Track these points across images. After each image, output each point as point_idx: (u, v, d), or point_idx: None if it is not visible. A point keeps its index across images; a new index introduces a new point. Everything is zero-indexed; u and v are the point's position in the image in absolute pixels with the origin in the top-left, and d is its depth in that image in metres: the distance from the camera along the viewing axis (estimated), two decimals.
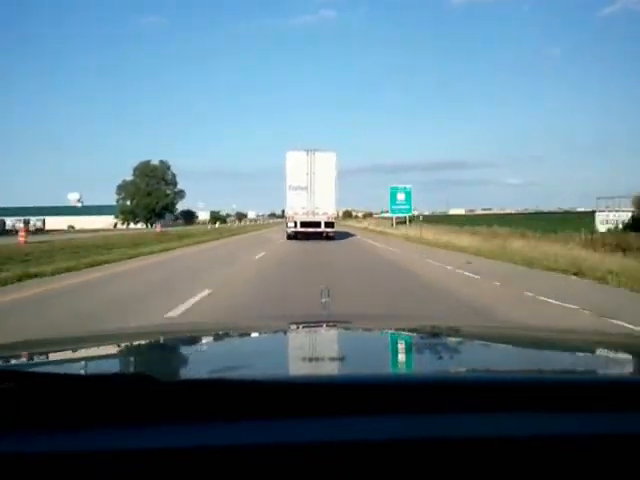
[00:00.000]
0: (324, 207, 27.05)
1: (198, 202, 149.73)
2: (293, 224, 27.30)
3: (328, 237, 26.78)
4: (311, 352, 1.52)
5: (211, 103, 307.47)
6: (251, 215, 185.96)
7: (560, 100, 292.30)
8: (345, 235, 33.39)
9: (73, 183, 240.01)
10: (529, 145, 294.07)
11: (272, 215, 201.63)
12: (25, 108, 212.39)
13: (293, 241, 26.26)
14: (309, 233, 26.67)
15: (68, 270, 12.74)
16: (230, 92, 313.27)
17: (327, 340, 1.77)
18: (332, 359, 1.39)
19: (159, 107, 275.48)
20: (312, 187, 27.19)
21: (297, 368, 1.28)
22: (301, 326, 2.04)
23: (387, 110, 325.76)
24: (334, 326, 1.98)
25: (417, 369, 1.30)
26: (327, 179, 27.24)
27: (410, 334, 1.88)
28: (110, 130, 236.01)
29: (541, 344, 1.69)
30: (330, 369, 1.30)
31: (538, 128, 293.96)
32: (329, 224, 27.18)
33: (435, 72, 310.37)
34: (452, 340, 1.70)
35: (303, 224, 26.98)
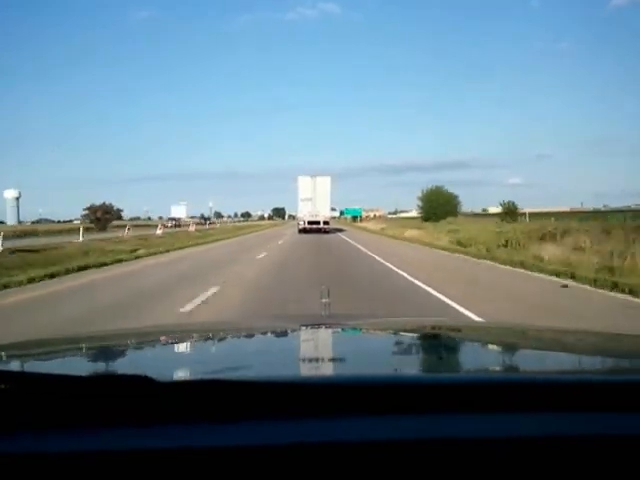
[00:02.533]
0: (322, 212, 42.37)
1: (180, 202, 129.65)
2: (302, 222, 42.65)
3: (325, 231, 40.89)
4: (311, 352, 1.56)
5: (207, 103, 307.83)
6: (178, 213, 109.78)
7: (564, 98, 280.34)
8: None
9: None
10: (533, 144, 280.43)
11: (247, 215, 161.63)
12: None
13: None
14: (313, 229, 40.89)
15: None
16: (228, 91, 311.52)
17: (327, 340, 1.79)
18: (332, 359, 1.41)
19: (146, 107, 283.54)
20: (314, 199, 42.43)
21: (297, 369, 1.28)
22: (301, 326, 2.05)
23: (390, 109, 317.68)
24: (334, 326, 1.99)
25: (417, 369, 1.30)
26: (324, 194, 42.95)
27: (410, 334, 1.91)
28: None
29: (541, 344, 1.72)
30: (330, 369, 1.32)
31: (543, 127, 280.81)
32: (326, 222, 42.42)
33: (439, 71, 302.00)
34: (452, 340, 1.76)
35: (309, 222, 41.93)
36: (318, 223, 41.70)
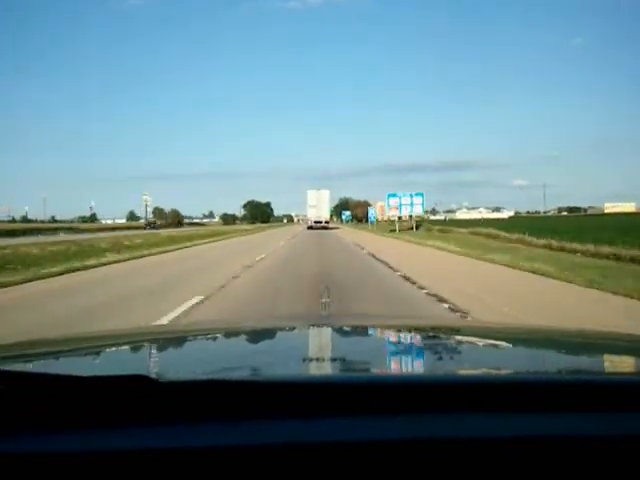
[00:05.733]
0: (324, 215, 63.78)
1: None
2: (310, 222, 62.57)
3: (327, 228, 59.26)
4: (310, 352, 1.53)
5: (205, 99, 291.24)
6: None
7: (572, 98, 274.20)
8: None
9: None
10: (540, 146, 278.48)
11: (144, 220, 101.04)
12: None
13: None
14: (317, 227, 59.71)
15: None
16: (227, 88, 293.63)
17: (327, 340, 1.78)
18: (332, 359, 1.39)
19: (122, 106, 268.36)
20: (318, 206, 63.28)
21: (296, 368, 1.26)
22: (301, 326, 2.05)
23: (393, 108, 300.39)
24: (334, 326, 1.98)
25: (417, 369, 1.30)
26: (325, 202, 64.71)
27: (410, 334, 1.90)
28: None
29: (541, 344, 1.72)
30: (330, 369, 1.31)
31: (550, 128, 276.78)
32: (327, 222, 63.13)
33: (443, 70, 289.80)
34: (452, 340, 1.74)
35: (315, 222, 61.52)
36: (321, 222, 61.93)
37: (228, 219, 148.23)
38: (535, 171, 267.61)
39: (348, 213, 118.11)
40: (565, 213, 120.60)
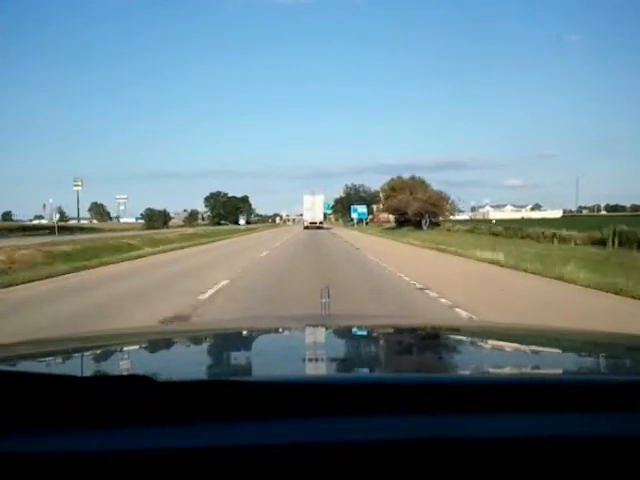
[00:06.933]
0: (318, 217, 67.97)
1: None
2: (306, 222, 66.65)
3: (321, 228, 62.83)
4: (310, 352, 1.52)
5: (197, 99, 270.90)
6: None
7: (568, 96, 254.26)
8: None
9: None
10: (533, 146, 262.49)
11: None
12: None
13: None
14: (313, 227, 62.96)
15: None
16: (220, 87, 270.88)
17: (327, 340, 1.77)
18: (332, 359, 1.38)
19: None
20: (313, 208, 67.66)
21: (296, 368, 1.26)
22: (300, 326, 2.06)
23: (387, 108, 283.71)
24: (334, 326, 1.98)
25: (417, 369, 1.29)
26: (319, 205, 69.25)
27: (410, 334, 1.90)
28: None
29: (541, 344, 1.70)
30: (330, 369, 1.30)
31: (545, 127, 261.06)
32: (321, 223, 67.22)
33: (438, 69, 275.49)
34: (452, 340, 1.75)
35: (310, 223, 65.66)
36: (315, 223, 65.96)
37: (155, 218, 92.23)
38: (532, 171, 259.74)
39: (362, 210, 77.03)
40: (604, 212, 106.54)
